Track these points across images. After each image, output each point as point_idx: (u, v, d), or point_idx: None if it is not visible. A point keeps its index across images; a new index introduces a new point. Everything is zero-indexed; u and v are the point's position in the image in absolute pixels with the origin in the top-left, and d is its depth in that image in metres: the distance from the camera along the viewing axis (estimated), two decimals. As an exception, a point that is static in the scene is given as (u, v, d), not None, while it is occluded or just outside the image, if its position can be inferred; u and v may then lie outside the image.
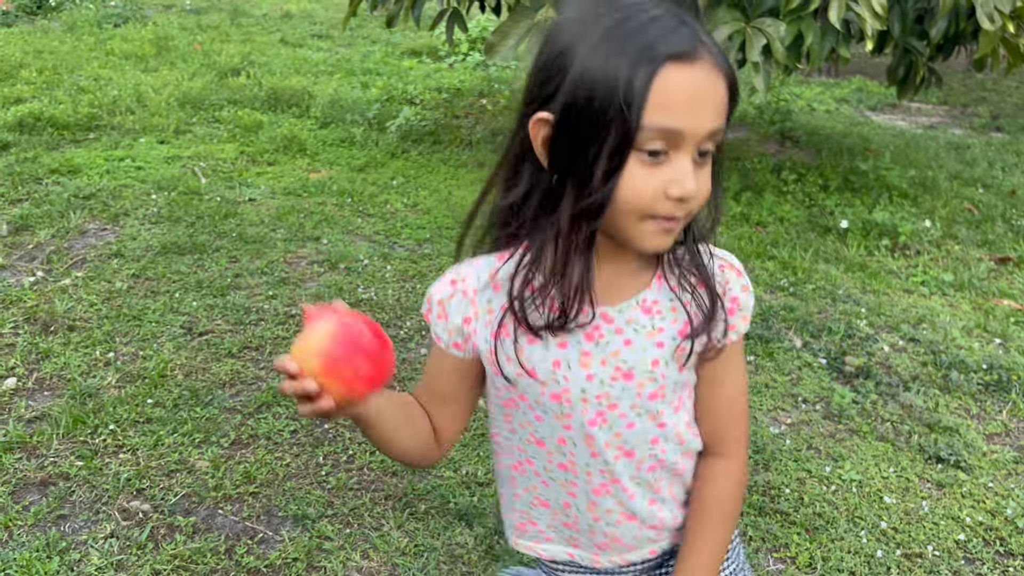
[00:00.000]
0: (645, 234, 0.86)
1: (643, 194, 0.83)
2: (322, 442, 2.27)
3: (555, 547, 1.07)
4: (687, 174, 0.83)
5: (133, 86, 5.35)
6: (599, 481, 0.99)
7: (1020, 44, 3.91)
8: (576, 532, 1.04)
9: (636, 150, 0.82)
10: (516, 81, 6.58)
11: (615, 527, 1.02)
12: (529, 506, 1.06)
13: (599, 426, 0.96)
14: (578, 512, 1.02)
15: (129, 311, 2.82)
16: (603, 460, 0.98)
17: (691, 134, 0.82)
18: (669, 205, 0.84)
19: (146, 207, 3.65)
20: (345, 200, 3.90)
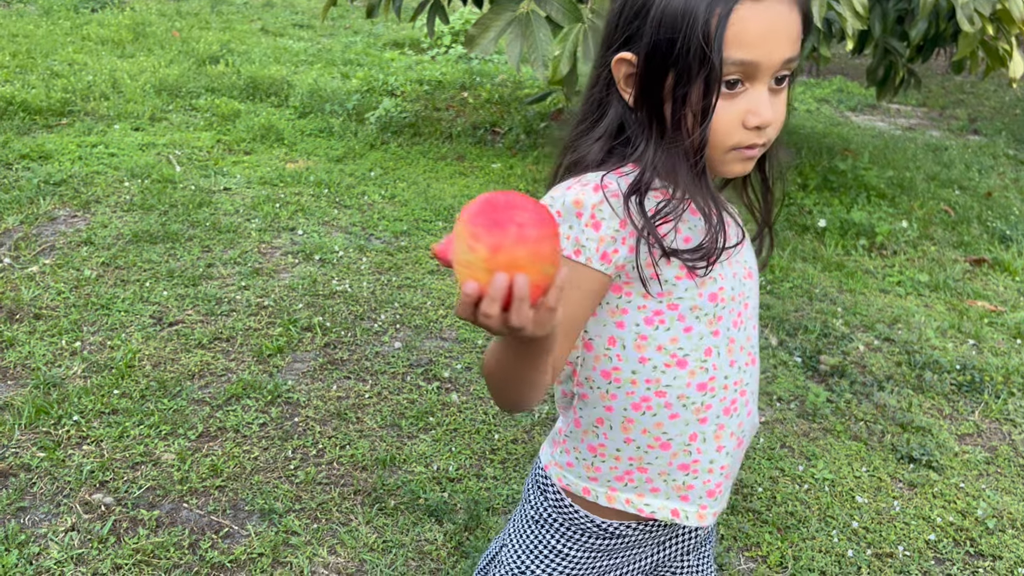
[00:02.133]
0: (727, 162, 0.91)
1: (724, 124, 0.88)
2: (291, 435, 2.23)
3: (659, 501, 1.01)
4: (763, 103, 0.87)
5: (109, 72, 5.26)
6: (731, 397, 0.99)
7: (999, 47, 3.93)
8: (692, 475, 1.00)
9: (719, 85, 0.87)
10: (498, 75, 6.54)
11: (729, 455, 1.02)
12: (644, 450, 0.99)
13: (739, 327, 0.98)
14: (703, 444, 0.99)
15: (98, 300, 2.76)
16: (738, 368, 0.99)
17: (767, 65, 0.86)
18: (748, 134, 0.89)
19: (118, 194, 3.58)
20: (322, 191, 3.85)
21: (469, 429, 2.31)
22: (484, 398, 2.46)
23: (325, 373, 2.51)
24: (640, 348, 0.95)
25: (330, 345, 2.65)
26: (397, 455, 2.18)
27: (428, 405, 2.39)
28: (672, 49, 0.86)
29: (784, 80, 0.90)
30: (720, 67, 0.85)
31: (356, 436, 2.24)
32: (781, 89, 0.90)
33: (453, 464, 2.17)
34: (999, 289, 3.62)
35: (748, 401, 1.02)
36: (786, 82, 0.91)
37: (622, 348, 0.95)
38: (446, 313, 2.90)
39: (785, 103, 0.92)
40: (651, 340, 0.94)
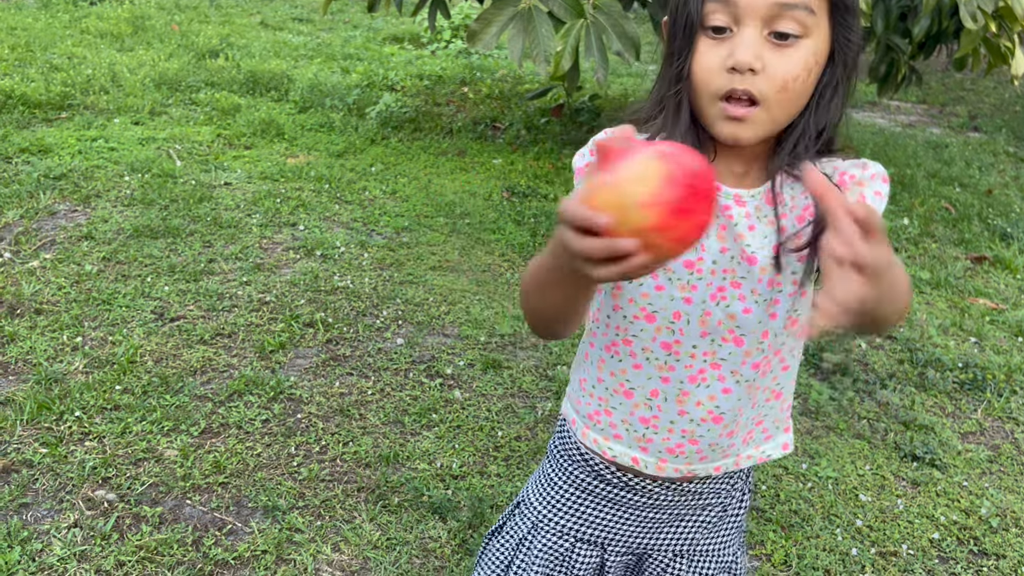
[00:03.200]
0: (716, 118, 0.89)
1: (707, 67, 0.88)
2: (294, 432, 2.22)
3: (621, 447, 1.05)
4: (742, 45, 0.85)
5: (108, 65, 5.24)
6: (699, 367, 0.98)
7: (1001, 44, 3.92)
8: (652, 430, 1.02)
9: (702, 28, 0.88)
10: (499, 70, 6.53)
11: (697, 426, 1.01)
12: (611, 393, 1.04)
13: (718, 301, 0.96)
14: (664, 403, 1.01)
15: (99, 295, 2.75)
16: (711, 341, 0.97)
17: (746, 5, 0.85)
18: (729, 78, 0.86)
19: (119, 189, 3.57)
20: (322, 186, 3.84)
21: (472, 426, 2.31)
22: (487, 395, 2.46)
23: (327, 369, 2.50)
24: (615, 296, 0.99)
25: (332, 341, 2.64)
26: (400, 452, 2.17)
27: (431, 402, 2.38)
28: None
29: (788, 38, 0.85)
30: (700, 5, 0.87)
31: (359, 433, 2.24)
32: (785, 44, 0.86)
33: (456, 461, 2.16)
34: (1000, 287, 3.62)
35: (723, 377, 0.99)
36: (794, 42, 0.85)
37: (603, 293, 1.01)
38: (448, 309, 2.90)
39: (794, 65, 0.86)
40: (625, 291, 0.98)
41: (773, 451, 1.09)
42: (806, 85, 0.88)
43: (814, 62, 0.87)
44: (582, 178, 0.97)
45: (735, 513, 1.14)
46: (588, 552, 1.12)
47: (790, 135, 0.92)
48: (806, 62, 0.87)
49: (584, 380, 1.09)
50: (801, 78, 0.87)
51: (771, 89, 0.86)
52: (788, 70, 0.86)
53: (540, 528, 1.13)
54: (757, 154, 0.95)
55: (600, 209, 0.64)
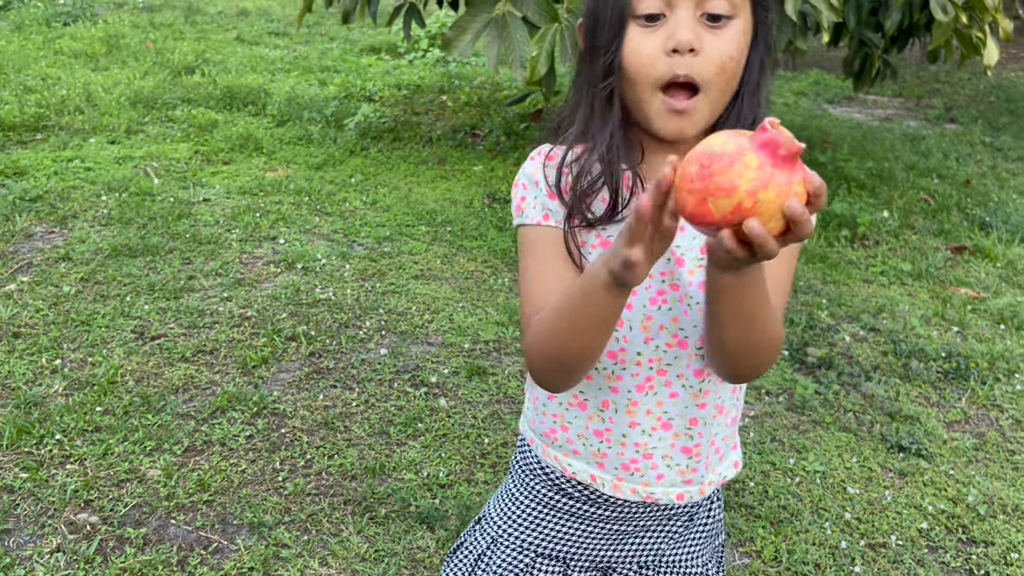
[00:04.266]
0: (658, 114, 0.88)
1: (643, 55, 0.86)
2: (278, 447, 2.21)
3: (580, 463, 1.03)
4: (680, 25, 0.85)
5: (83, 85, 5.21)
6: (645, 374, 0.97)
7: (973, 35, 3.95)
8: (606, 444, 1.01)
9: (632, 17, 0.86)
10: (477, 78, 6.53)
11: (649, 436, 0.99)
12: (565, 407, 1.03)
13: (659, 306, 0.95)
14: (615, 414, 0.99)
15: (77, 316, 2.73)
16: (655, 347, 0.96)
17: None
18: (670, 62, 0.85)
19: (96, 209, 3.54)
20: (302, 199, 3.83)
21: (458, 434, 2.30)
22: (472, 402, 2.44)
23: (311, 382, 2.48)
24: None
25: (315, 354, 2.63)
26: (386, 463, 2.16)
27: (416, 411, 2.37)
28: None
29: (720, 19, 0.86)
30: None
31: (344, 445, 2.22)
32: (719, 26, 0.86)
33: (443, 470, 2.15)
34: (981, 276, 3.65)
35: (670, 383, 0.98)
36: (725, 23, 0.86)
37: None
38: (431, 318, 2.89)
39: (728, 45, 0.86)
40: None
41: (726, 471, 1.07)
42: (739, 66, 0.89)
43: (744, 43, 0.88)
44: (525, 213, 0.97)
45: (703, 522, 1.11)
46: (550, 567, 1.09)
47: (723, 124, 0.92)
48: (739, 42, 0.87)
49: (536, 399, 1.07)
50: (736, 59, 0.88)
51: (711, 71, 0.86)
52: (724, 50, 0.86)
53: (499, 543, 1.10)
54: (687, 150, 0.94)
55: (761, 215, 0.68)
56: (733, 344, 0.85)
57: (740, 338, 0.84)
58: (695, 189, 0.68)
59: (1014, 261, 3.80)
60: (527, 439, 1.10)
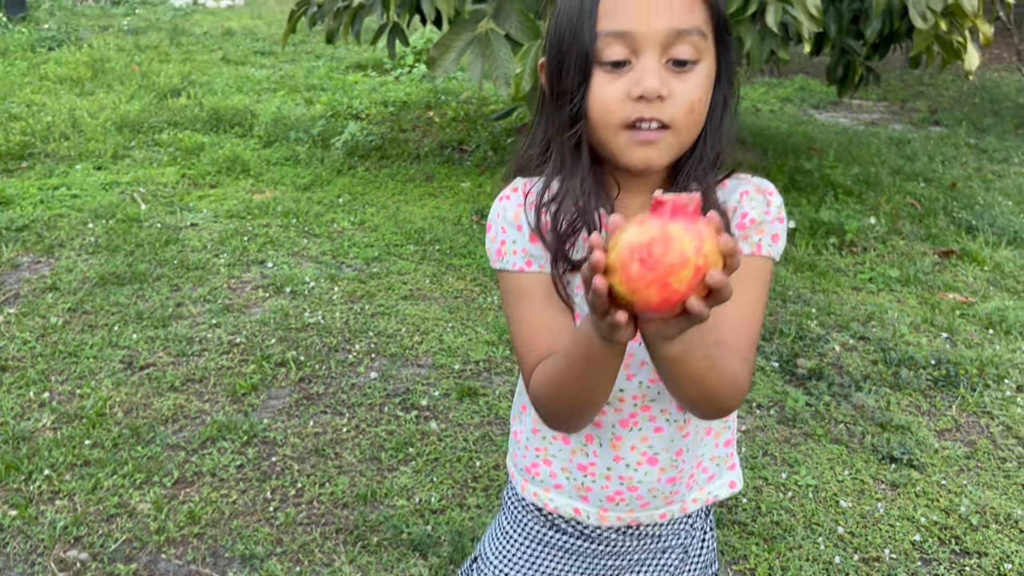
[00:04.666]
0: (625, 147, 0.88)
1: (609, 101, 0.87)
2: (269, 476, 2.20)
3: (563, 498, 1.04)
4: (647, 73, 0.85)
5: (68, 111, 5.20)
6: (629, 411, 0.97)
7: (953, 40, 3.98)
8: (591, 478, 1.01)
9: (598, 63, 0.87)
10: (463, 92, 6.54)
11: (634, 471, 1.00)
12: (549, 441, 1.03)
13: (639, 342, 0.93)
14: (599, 448, 1.00)
15: (65, 347, 2.71)
16: (638, 383, 0.96)
17: (644, 35, 0.85)
18: (636, 106, 0.86)
19: (83, 237, 3.53)
20: (290, 221, 3.82)
21: (450, 458, 2.29)
22: (464, 424, 2.44)
23: (301, 409, 2.48)
24: None
25: (305, 380, 2.62)
26: (378, 489, 2.15)
27: (407, 435, 2.37)
28: (560, 34, 0.88)
29: (686, 64, 0.86)
30: (592, 42, 0.86)
31: (335, 472, 2.21)
32: (685, 71, 0.87)
33: (435, 495, 2.14)
34: (969, 280, 3.66)
35: (654, 418, 0.98)
36: (691, 67, 0.87)
37: None
38: (421, 339, 2.88)
39: (695, 89, 0.87)
40: None
41: (719, 491, 1.07)
42: (706, 107, 0.90)
43: (709, 84, 0.90)
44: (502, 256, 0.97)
45: (696, 554, 1.12)
46: None
47: (687, 161, 0.93)
48: (704, 84, 0.89)
49: (518, 432, 1.08)
50: (703, 100, 0.89)
51: (680, 113, 0.87)
52: (692, 93, 0.87)
53: None
54: (658, 183, 0.95)
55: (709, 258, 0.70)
56: (692, 396, 0.87)
57: (697, 391, 0.85)
58: (653, 280, 0.68)
59: (1001, 264, 3.82)
60: (510, 474, 1.11)
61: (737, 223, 0.94)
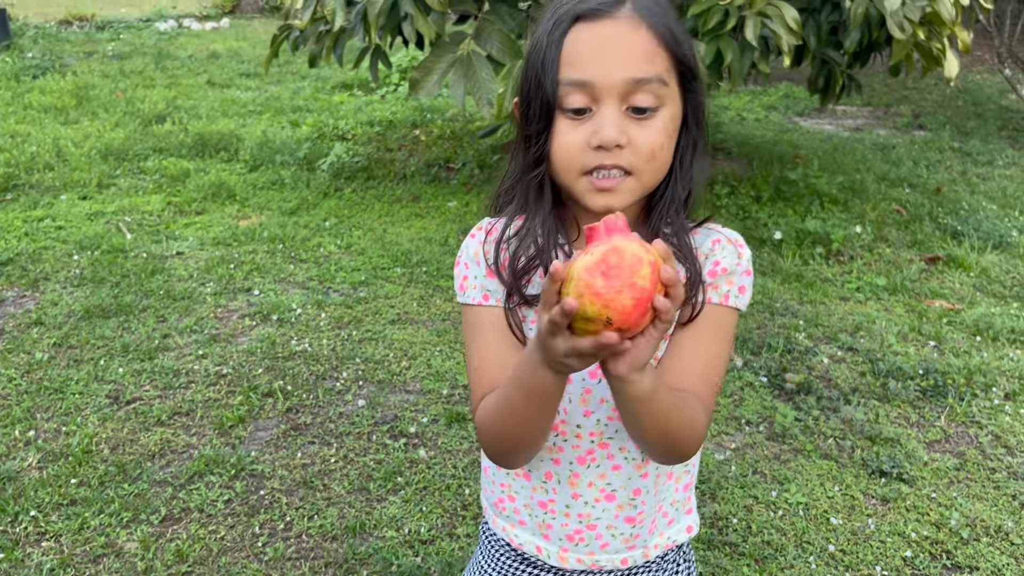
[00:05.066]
0: (586, 192, 0.90)
1: (570, 148, 0.88)
2: (257, 510, 2.18)
3: (526, 535, 1.05)
4: (606, 123, 0.86)
5: (52, 141, 5.19)
6: (586, 447, 0.98)
7: (933, 48, 4.00)
8: (550, 515, 1.02)
9: (561, 110, 0.88)
10: (449, 110, 6.55)
11: (592, 508, 1.00)
12: (512, 477, 1.04)
13: (599, 379, 0.95)
14: (558, 485, 1.01)
15: (50, 384, 2.70)
16: (596, 419, 0.97)
17: (603, 85, 0.86)
18: (595, 155, 0.87)
19: (68, 269, 3.52)
20: (276, 246, 3.82)
21: (439, 486, 2.28)
22: (453, 451, 2.43)
23: (289, 440, 2.47)
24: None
25: (292, 410, 2.61)
26: (367, 521, 2.14)
27: (396, 464, 2.36)
28: (528, 79, 0.90)
29: (646, 111, 0.87)
30: (555, 88, 0.87)
31: (324, 504, 2.20)
32: (645, 118, 0.88)
33: (425, 525, 2.13)
34: (955, 286, 3.67)
35: (612, 456, 0.98)
36: (652, 114, 0.88)
37: None
38: (409, 364, 2.87)
39: (656, 135, 0.88)
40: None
41: (678, 535, 1.07)
42: (669, 152, 0.91)
43: (673, 128, 0.90)
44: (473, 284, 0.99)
45: None
46: None
47: (658, 203, 0.94)
48: (666, 129, 0.89)
49: (487, 468, 1.09)
50: (666, 146, 0.90)
51: (640, 160, 0.88)
52: (652, 140, 0.88)
53: None
54: (631, 224, 0.95)
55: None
56: (653, 439, 0.87)
57: (659, 434, 0.86)
58: (621, 284, 0.70)
59: (987, 269, 3.83)
60: (483, 509, 1.12)
61: (709, 270, 0.95)
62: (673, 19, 0.90)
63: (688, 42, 0.90)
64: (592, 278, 0.70)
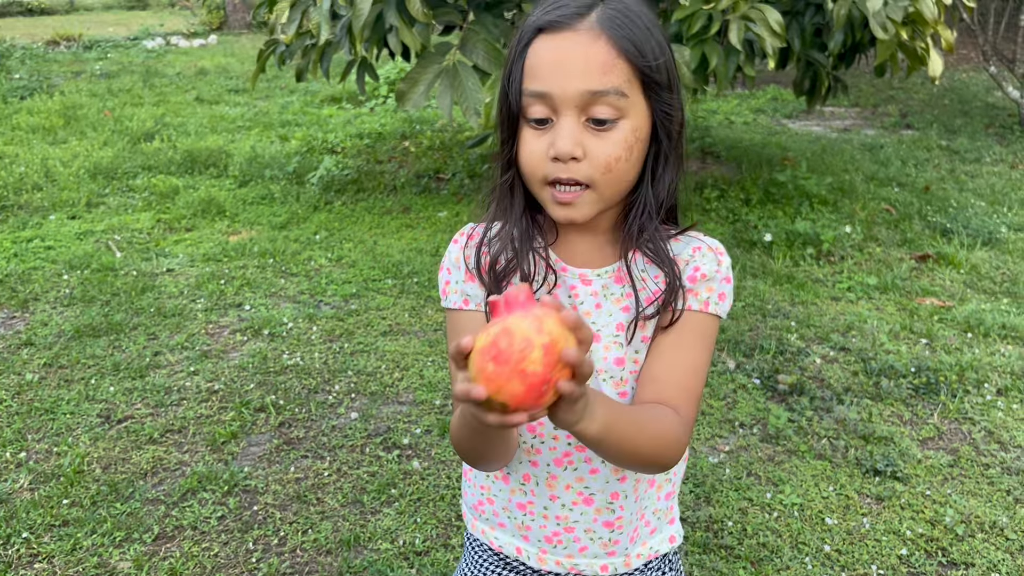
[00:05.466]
0: (548, 202, 0.92)
1: (532, 157, 0.90)
2: (251, 526, 2.17)
3: (506, 537, 1.06)
4: (562, 135, 0.87)
5: (40, 161, 5.19)
6: (563, 450, 0.98)
7: (917, 47, 4.03)
8: (529, 516, 1.03)
9: (525, 119, 0.90)
10: (438, 121, 6.57)
11: (570, 511, 1.01)
12: (492, 480, 1.05)
13: None
14: (536, 487, 1.01)
15: (41, 404, 2.69)
16: None
17: (560, 97, 0.87)
18: (554, 166, 0.88)
19: (57, 289, 3.51)
20: (267, 261, 3.81)
21: (433, 496, 2.27)
22: (446, 461, 2.42)
23: (282, 454, 2.46)
24: None
25: (285, 424, 2.60)
26: (361, 533, 2.13)
27: (389, 476, 2.35)
28: (502, 89, 0.92)
29: (606, 123, 0.87)
30: (519, 98, 0.89)
31: (318, 518, 2.19)
32: (604, 130, 0.88)
33: (419, 536, 2.12)
34: (946, 283, 3.68)
35: (589, 459, 0.98)
36: (611, 126, 0.87)
37: None
38: (401, 375, 2.87)
39: (614, 147, 0.88)
40: None
41: (660, 545, 1.06)
42: (630, 163, 0.90)
43: (635, 139, 0.90)
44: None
45: None
46: None
47: (633, 210, 0.94)
48: (626, 142, 0.89)
49: (468, 471, 1.09)
50: (623, 158, 0.89)
51: (596, 172, 0.89)
52: (610, 152, 0.88)
53: None
54: (604, 229, 0.98)
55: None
56: (623, 462, 0.88)
57: (627, 457, 0.85)
58: (510, 371, 0.67)
59: (977, 266, 3.85)
60: (464, 513, 1.13)
61: (688, 275, 0.95)
62: (641, 30, 0.88)
63: (657, 53, 0.89)
64: (484, 362, 0.68)
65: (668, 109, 0.91)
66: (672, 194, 0.95)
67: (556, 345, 0.67)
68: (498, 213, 0.99)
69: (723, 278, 0.96)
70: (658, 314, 0.94)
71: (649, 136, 0.92)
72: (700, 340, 0.94)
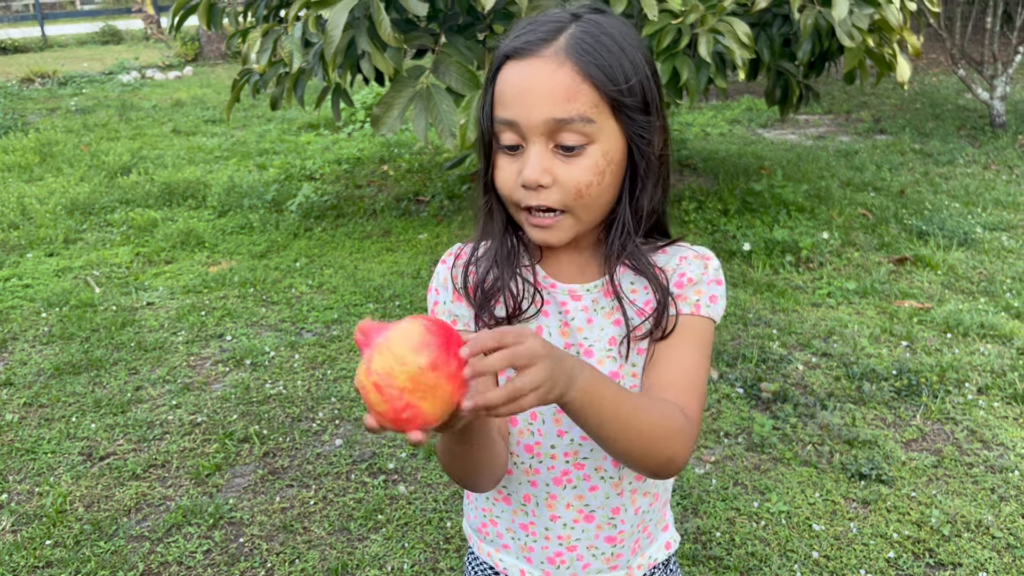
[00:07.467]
0: (525, 224, 0.93)
1: (506, 182, 0.91)
2: (237, 559, 2.15)
3: (510, 558, 1.05)
4: (530, 163, 0.87)
5: (16, 199, 5.16)
6: (562, 468, 0.98)
7: (884, 54, 4.09)
8: (531, 537, 1.02)
9: (498, 144, 0.90)
10: (416, 143, 6.58)
11: (571, 529, 1.00)
12: (493, 501, 1.04)
13: None
14: (536, 507, 1.01)
15: (21, 445, 2.66)
16: (570, 440, 0.97)
17: (525, 124, 0.87)
18: (525, 193, 0.89)
19: (36, 327, 3.48)
20: (247, 290, 3.80)
21: (420, 520, 2.26)
22: (433, 484, 2.41)
23: (267, 485, 2.44)
24: None
25: (269, 454, 2.58)
26: (349, 561, 2.11)
27: (376, 502, 2.33)
28: (480, 115, 0.94)
29: (574, 149, 0.86)
30: (490, 124, 0.90)
31: (304, 548, 2.17)
32: (573, 155, 0.87)
33: (408, 561, 2.11)
34: (924, 285, 3.71)
35: (588, 476, 0.98)
36: (580, 151, 0.87)
37: None
38: (385, 400, 2.86)
39: (583, 173, 0.87)
40: None
41: (657, 553, 1.07)
42: (603, 187, 0.90)
43: (606, 164, 0.89)
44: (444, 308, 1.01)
45: None
46: None
47: (612, 229, 0.94)
48: (596, 167, 0.88)
49: (469, 493, 1.09)
50: (594, 183, 0.88)
51: (568, 198, 0.89)
52: (579, 178, 0.88)
53: None
54: (588, 246, 0.98)
55: None
56: (622, 443, 0.83)
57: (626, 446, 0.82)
58: (376, 411, 0.69)
59: (954, 266, 3.88)
60: (468, 536, 1.12)
61: (675, 282, 0.95)
62: (610, 53, 0.87)
63: (629, 75, 0.87)
64: (364, 393, 0.70)
65: (642, 131, 0.89)
66: (656, 210, 0.95)
67: (390, 377, 0.67)
68: (484, 233, 1.00)
69: (711, 280, 0.96)
70: (651, 333, 0.94)
71: (625, 157, 0.91)
72: (694, 342, 0.93)
